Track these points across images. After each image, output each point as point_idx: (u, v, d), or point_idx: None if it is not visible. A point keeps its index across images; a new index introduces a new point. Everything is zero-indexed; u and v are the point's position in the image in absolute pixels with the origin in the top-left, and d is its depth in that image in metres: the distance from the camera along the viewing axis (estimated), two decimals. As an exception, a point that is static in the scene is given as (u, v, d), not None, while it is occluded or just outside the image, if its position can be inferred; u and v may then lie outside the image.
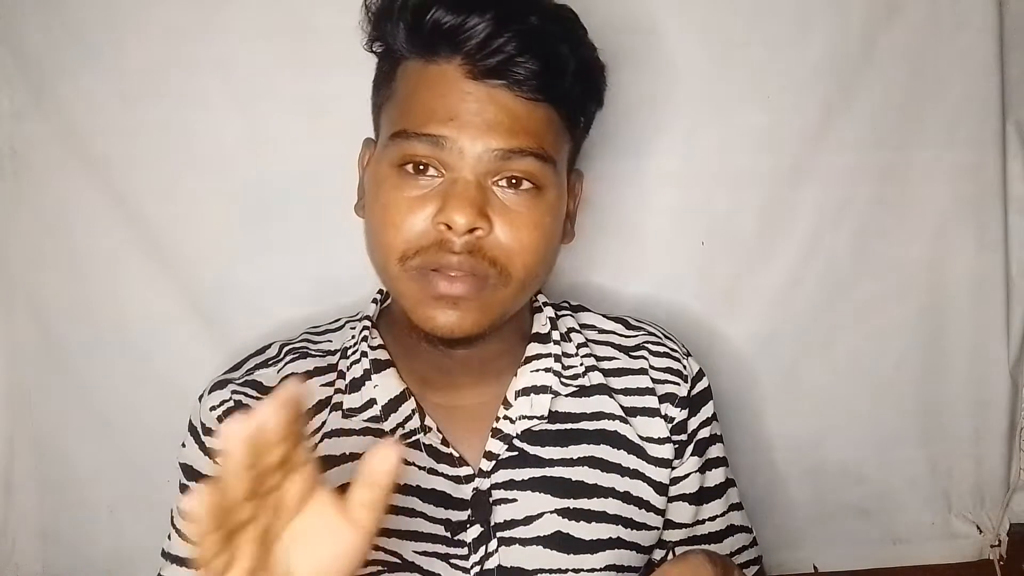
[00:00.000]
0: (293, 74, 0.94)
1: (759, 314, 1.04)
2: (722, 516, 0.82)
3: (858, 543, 1.09)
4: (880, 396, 1.07)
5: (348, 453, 0.73)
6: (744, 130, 1.00)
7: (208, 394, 0.76)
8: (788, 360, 1.05)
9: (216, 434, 0.46)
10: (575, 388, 0.77)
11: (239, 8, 0.92)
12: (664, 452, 0.77)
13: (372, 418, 0.74)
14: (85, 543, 0.99)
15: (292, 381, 0.46)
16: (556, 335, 0.79)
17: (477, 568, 0.71)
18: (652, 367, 0.80)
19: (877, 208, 1.03)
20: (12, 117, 0.93)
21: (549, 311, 0.81)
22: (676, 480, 0.79)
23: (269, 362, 0.78)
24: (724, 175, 1.01)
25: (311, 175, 0.95)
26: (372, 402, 0.74)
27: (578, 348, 0.80)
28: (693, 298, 1.03)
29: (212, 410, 0.74)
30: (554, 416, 0.75)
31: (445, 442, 0.73)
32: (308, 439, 0.47)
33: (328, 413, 0.75)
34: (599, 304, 0.88)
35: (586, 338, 0.81)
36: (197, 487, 0.44)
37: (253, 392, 0.75)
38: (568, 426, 0.76)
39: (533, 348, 0.78)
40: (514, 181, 0.68)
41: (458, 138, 0.66)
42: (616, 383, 0.79)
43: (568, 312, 0.84)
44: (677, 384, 0.79)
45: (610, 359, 0.80)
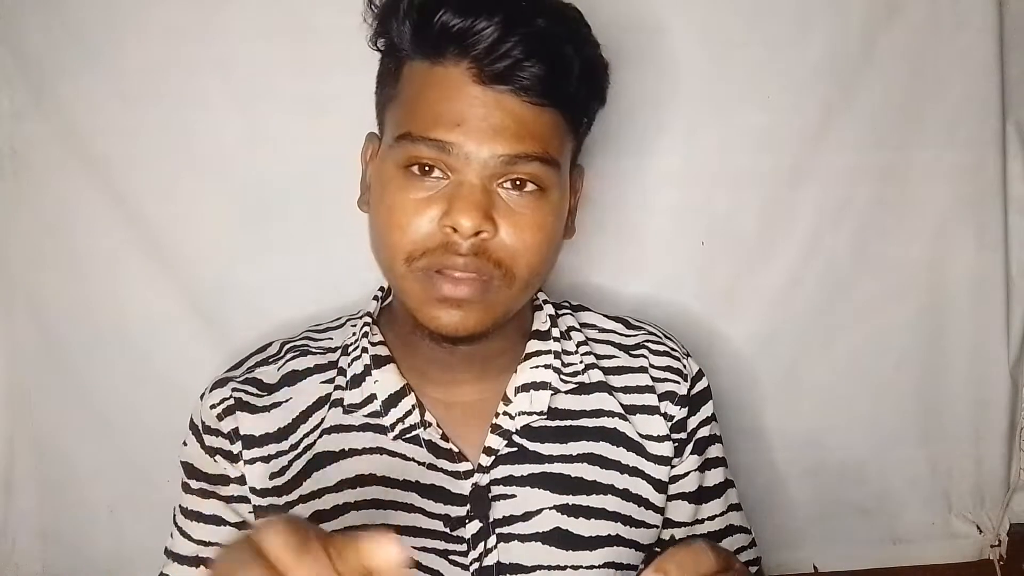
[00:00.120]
0: (293, 74, 0.94)
1: (759, 314, 1.04)
2: (721, 516, 0.82)
3: (858, 543, 1.09)
4: (880, 396, 1.07)
5: (348, 449, 0.73)
6: (744, 130, 1.00)
7: (209, 392, 0.76)
8: (788, 360, 1.05)
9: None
10: (575, 385, 0.77)
11: (239, 8, 0.92)
12: (663, 450, 0.77)
13: (372, 413, 0.74)
14: (85, 543, 0.99)
15: None
16: (556, 332, 0.79)
17: (476, 564, 0.71)
18: (652, 365, 0.80)
19: (877, 208, 1.03)
20: (12, 117, 0.93)
21: (549, 309, 0.81)
22: (675, 478, 0.79)
23: (270, 360, 0.79)
24: (724, 175, 1.01)
25: (311, 175, 0.95)
26: (372, 397, 0.74)
27: (578, 346, 0.80)
28: (693, 298, 1.03)
29: (212, 408, 0.75)
30: (554, 413, 0.76)
31: (445, 437, 0.74)
32: None
33: (328, 409, 0.75)
34: (599, 304, 0.88)
35: (586, 337, 0.81)
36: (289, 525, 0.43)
37: (253, 389, 0.76)
38: (568, 423, 0.76)
39: (533, 345, 0.78)
40: (518, 183, 0.68)
41: (464, 143, 0.66)
42: (616, 381, 0.79)
43: (568, 311, 0.84)
44: (677, 382, 0.80)
45: (610, 357, 0.81)
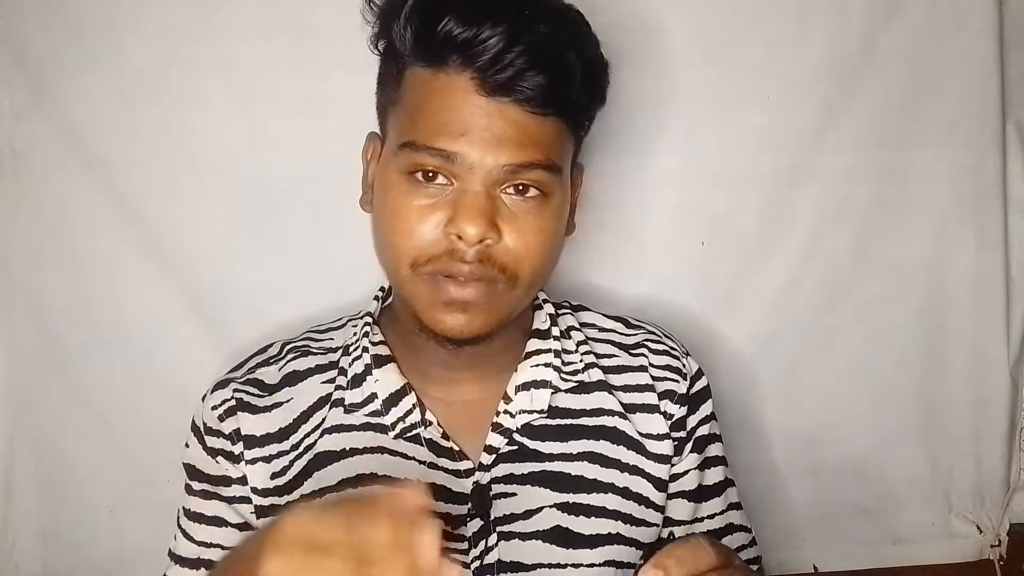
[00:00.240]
0: (293, 74, 0.93)
1: (759, 314, 1.04)
2: (721, 514, 0.82)
3: (858, 543, 1.09)
4: (880, 396, 1.07)
5: (348, 448, 0.73)
6: (744, 130, 1.00)
7: (210, 393, 0.76)
8: (788, 360, 1.05)
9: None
10: (575, 384, 0.77)
11: (239, 8, 0.92)
12: (663, 448, 0.77)
13: (373, 413, 0.74)
14: (85, 543, 0.99)
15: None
16: (556, 331, 0.79)
17: (477, 563, 0.71)
18: (652, 364, 0.80)
19: (877, 208, 1.03)
20: (12, 117, 0.93)
21: (549, 308, 0.81)
22: (675, 477, 0.79)
23: (270, 360, 0.79)
24: (724, 175, 1.01)
25: (311, 175, 0.95)
26: (373, 397, 0.74)
27: (578, 345, 0.80)
28: (693, 298, 1.03)
29: (214, 409, 0.75)
30: (554, 411, 0.76)
31: (446, 436, 0.74)
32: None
33: (329, 409, 0.75)
34: (599, 304, 0.88)
35: (586, 336, 0.81)
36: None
37: (254, 390, 0.76)
38: (568, 422, 0.76)
39: (533, 344, 0.78)
40: (521, 188, 0.68)
41: (469, 153, 0.66)
42: (616, 380, 0.79)
43: (568, 311, 0.84)
44: (676, 381, 0.80)
45: (610, 356, 0.81)
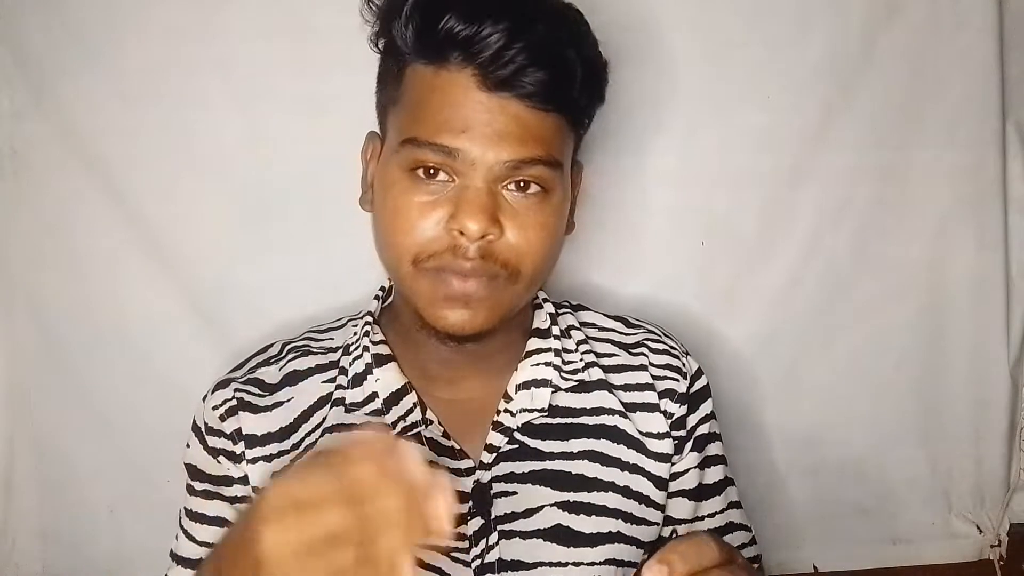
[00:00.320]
0: (293, 74, 0.93)
1: (759, 314, 1.04)
2: (721, 513, 0.82)
3: (858, 543, 1.09)
4: (880, 396, 1.07)
5: None
6: (744, 130, 1.00)
7: (211, 394, 0.76)
8: (788, 360, 1.05)
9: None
10: (575, 383, 0.77)
11: (239, 8, 0.92)
12: (664, 447, 0.78)
13: (374, 411, 0.74)
14: (85, 543, 0.99)
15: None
16: (556, 331, 0.79)
17: (478, 561, 0.71)
18: (652, 364, 0.80)
19: (877, 208, 1.03)
20: (12, 117, 0.93)
21: (549, 307, 0.81)
22: (675, 476, 0.79)
23: (271, 360, 0.79)
24: (724, 175, 1.01)
25: (311, 175, 0.95)
26: (374, 396, 0.75)
27: (578, 345, 0.80)
28: (693, 298, 1.03)
29: (215, 409, 0.75)
30: (554, 410, 0.76)
31: (446, 435, 0.74)
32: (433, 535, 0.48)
33: (329, 409, 0.75)
34: (599, 304, 0.88)
35: (586, 335, 0.82)
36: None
37: (255, 390, 0.76)
38: (568, 420, 0.76)
39: (533, 343, 0.78)
40: (522, 184, 0.69)
41: (470, 149, 0.66)
42: (616, 379, 0.79)
43: (568, 310, 0.85)
44: (676, 380, 0.80)
45: (610, 356, 0.81)
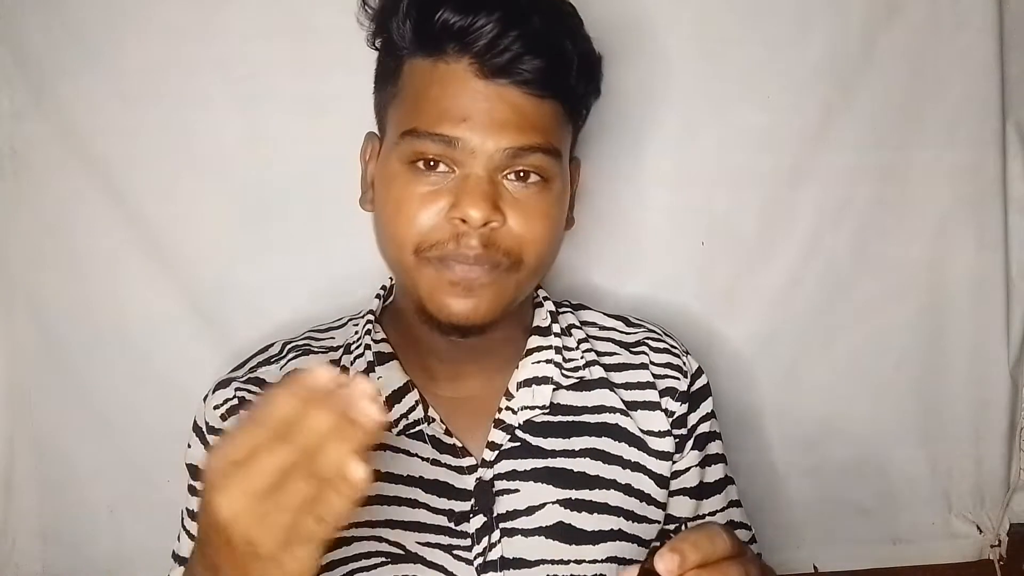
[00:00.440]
0: (293, 74, 0.94)
1: (759, 314, 1.04)
2: (722, 511, 0.83)
3: (858, 543, 1.09)
4: (880, 396, 1.07)
5: None
6: (744, 130, 1.00)
7: (212, 393, 0.76)
8: (788, 360, 1.05)
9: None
10: (576, 380, 0.78)
11: (239, 8, 0.93)
12: (665, 445, 0.78)
13: None
14: (85, 543, 0.99)
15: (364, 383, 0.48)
16: (557, 328, 0.80)
17: (480, 559, 0.71)
18: (652, 362, 0.81)
19: (877, 208, 1.03)
20: (12, 117, 0.93)
21: (549, 306, 0.81)
22: (676, 474, 0.79)
23: (272, 360, 0.79)
24: (724, 175, 1.01)
25: (311, 175, 0.95)
26: None
27: (579, 343, 0.80)
28: (693, 298, 1.03)
29: (216, 409, 0.75)
30: (556, 408, 0.76)
31: (448, 432, 0.74)
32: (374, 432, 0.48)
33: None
34: (598, 303, 0.88)
35: (586, 334, 0.82)
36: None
37: (256, 389, 0.76)
38: (570, 418, 0.76)
39: (534, 341, 0.78)
40: (522, 174, 0.69)
41: (471, 138, 0.67)
42: (617, 377, 0.79)
43: (568, 309, 0.85)
44: (677, 379, 0.80)
45: (611, 354, 0.81)
